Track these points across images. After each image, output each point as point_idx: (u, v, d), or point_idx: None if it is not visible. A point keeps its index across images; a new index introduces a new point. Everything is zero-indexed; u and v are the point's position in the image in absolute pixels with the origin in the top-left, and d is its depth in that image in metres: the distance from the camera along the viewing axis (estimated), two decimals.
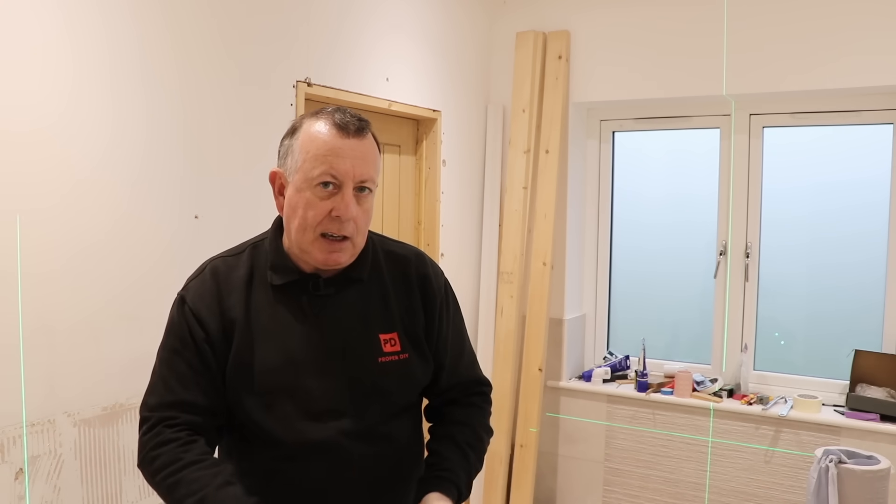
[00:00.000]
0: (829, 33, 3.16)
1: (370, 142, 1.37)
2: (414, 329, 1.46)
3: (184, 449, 1.29)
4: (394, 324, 1.44)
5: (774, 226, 3.56)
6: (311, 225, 1.33)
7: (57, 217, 1.89)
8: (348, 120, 1.34)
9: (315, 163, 1.32)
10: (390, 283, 1.47)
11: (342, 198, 1.32)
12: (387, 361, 1.41)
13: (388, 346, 1.42)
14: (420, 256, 1.54)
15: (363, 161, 1.33)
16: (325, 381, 1.36)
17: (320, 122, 1.35)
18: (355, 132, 1.33)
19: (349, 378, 1.38)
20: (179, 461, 1.27)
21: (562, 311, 3.77)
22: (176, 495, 1.26)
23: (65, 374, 1.91)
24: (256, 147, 2.47)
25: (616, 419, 3.66)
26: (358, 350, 1.39)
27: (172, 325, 1.40)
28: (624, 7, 3.58)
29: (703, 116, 3.64)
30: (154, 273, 2.14)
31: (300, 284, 1.39)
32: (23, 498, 1.81)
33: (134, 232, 2.08)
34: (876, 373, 3.24)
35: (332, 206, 1.32)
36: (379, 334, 1.42)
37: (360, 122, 1.35)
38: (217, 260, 1.45)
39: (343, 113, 1.36)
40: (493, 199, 3.78)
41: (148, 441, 1.32)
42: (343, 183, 1.32)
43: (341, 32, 2.82)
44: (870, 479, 2.64)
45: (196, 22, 2.24)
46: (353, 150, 1.32)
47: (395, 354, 1.42)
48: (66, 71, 1.89)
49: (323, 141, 1.32)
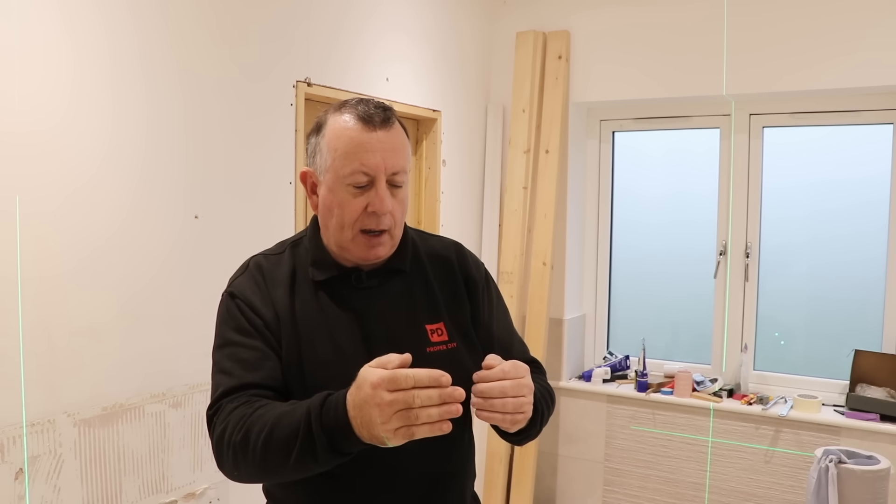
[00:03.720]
0: (828, 33, 3.16)
1: (398, 130, 1.33)
2: (460, 318, 1.44)
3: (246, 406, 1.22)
4: (440, 313, 1.41)
5: (774, 225, 3.56)
6: (349, 223, 1.32)
7: (60, 219, 1.89)
8: (373, 112, 1.30)
9: (345, 161, 1.29)
10: (432, 273, 1.45)
11: (376, 193, 1.30)
12: (435, 351, 1.38)
13: (436, 335, 1.39)
14: (459, 246, 1.54)
15: (393, 152, 1.31)
16: None
17: (345, 117, 1.31)
18: (381, 123, 1.30)
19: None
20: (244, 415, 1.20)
21: (562, 311, 3.77)
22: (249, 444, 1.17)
23: (65, 374, 1.91)
24: (256, 147, 2.47)
25: (616, 419, 3.66)
26: (405, 341, 1.35)
27: (225, 320, 1.35)
28: (624, 7, 3.58)
29: (703, 116, 3.64)
30: (154, 273, 2.14)
31: (342, 279, 1.38)
32: (23, 498, 1.81)
33: (135, 232, 2.08)
34: (876, 373, 3.24)
35: (367, 202, 1.30)
36: (425, 324, 1.39)
37: (386, 112, 1.32)
38: (258, 257, 1.43)
39: (366, 104, 1.32)
40: (493, 199, 3.78)
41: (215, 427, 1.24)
42: (376, 177, 1.30)
43: (341, 32, 2.82)
44: (870, 479, 2.64)
45: (196, 22, 2.24)
46: (381, 143, 1.29)
47: (443, 344, 1.39)
48: (67, 72, 1.89)
49: (349, 137, 1.30)
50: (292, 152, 2.60)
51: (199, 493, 2.29)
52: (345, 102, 1.35)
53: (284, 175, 2.58)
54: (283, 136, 2.57)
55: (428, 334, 1.39)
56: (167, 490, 2.19)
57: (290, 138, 2.59)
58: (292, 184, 2.61)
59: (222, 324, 1.35)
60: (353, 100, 1.35)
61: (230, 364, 1.30)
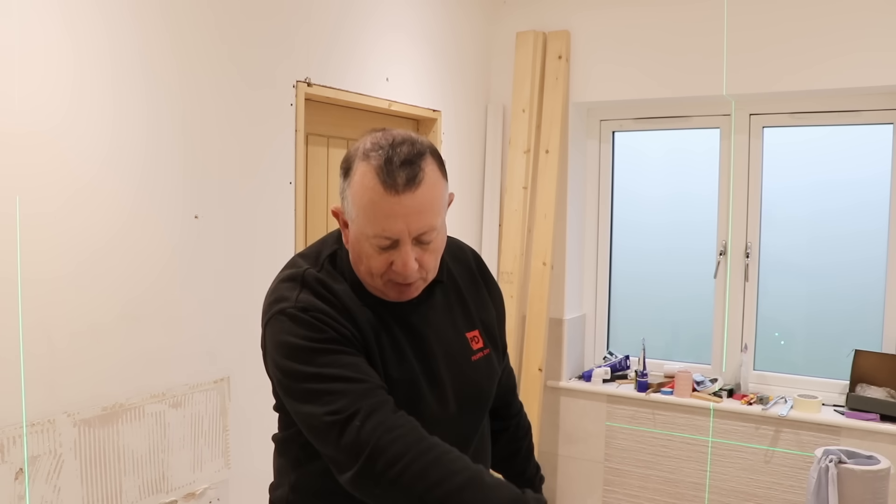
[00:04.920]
0: (828, 33, 3.16)
1: (426, 189, 1.19)
2: (489, 322, 1.43)
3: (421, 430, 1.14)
4: (474, 321, 1.40)
5: (774, 225, 3.56)
6: (377, 274, 1.25)
7: (61, 220, 1.89)
8: (396, 171, 1.17)
9: (366, 222, 1.20)
10: (462, 279, 1.43)
11: (399, 254, 1.21)
12: (478, 359, 1.38)
13: (475, 343, 1.39)
14: (471, 249, 1.52)
15: (418, 216, 1.19)
16: (440, 393, 1.32)
17: (369, 171, 1.18)
18: (405, 185, 1.17)
19: (457, 384, 1.34)
20: (424, 440, 1.13)
21: (562, 311, 3.77)
22: (432, 477, 1.09)
23: (65, 374, 1.91)
24: (256, 147, 2.47)
25: (616, 419, 3.66)
26: (456, 354, 1.35)
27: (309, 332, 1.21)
28: (624, 7, 3.58)
29: (703, 116, 3.64)
30: (154, 273, 2.14)
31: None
32: (23, 498, 1.81)
33: (135, 233, 2.08)
34: (876, 373, 3.24)
35: (391, 260, 1.23)
36: (465, 333, 1.38)
37: (412, 169, 1.17)
38: (311, 270, 1.29)
39: (393, 156, 1.17)
40: (493, 199, 3.78)
41: (373, 432, 1.12)
42: (400, 240, 1.21)
43: (341, 32, 2.82)
44: (870, 479, 2.64)
45: (196, 23, 2.24)
46: (404, 208, 1.18)
47: (481, 351, 1.39)
48: (68, 73, 1.89)
49: (370, 199, 1.18)
50: (292, 152, 2.60)
51: (199, 493, 2.29)
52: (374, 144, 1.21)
53: (285, 175, 2.58)
54: (284, 136, 2.57)
55: (469, 343, 1.38)
56: (167, 490, 2.19)
57: (290, 138, 2.59)
58: (292, 184, 2.61)
59: (303, 339, 1.20)
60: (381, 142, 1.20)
61: (340, 370, 1.18)
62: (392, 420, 1.14)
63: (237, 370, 2.39)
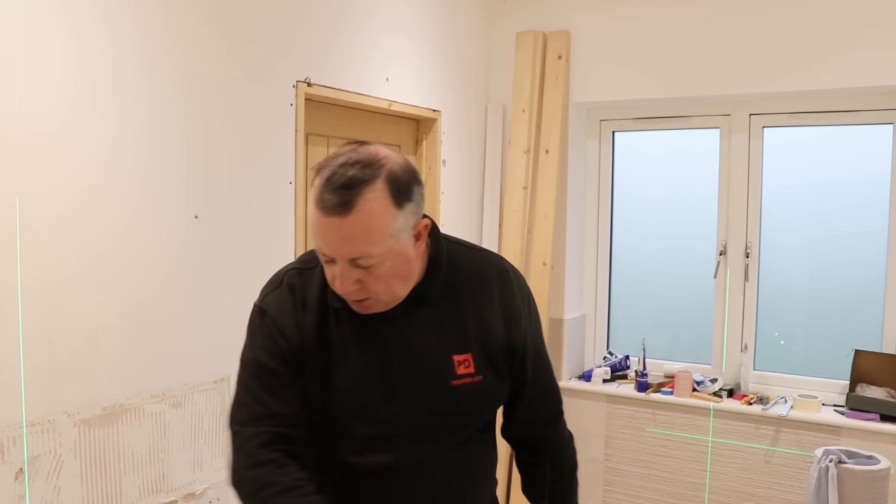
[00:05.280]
0: (828, 33, 3.16)
1: (359, 216, 1.17)
2: (492, 348, 1.37)
3: (279, 472, 1.25)
4: (468, 344, 1.36)
5: (774, 225, 3.56)
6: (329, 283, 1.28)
7: (63, 223, 1.89)
8: (328, 197, 1.17)
9: (311, 234, 1.25)
10: (468, 300, 1.37)
11: (337, 272, 1.23)
12: (460, 384, 1.34)
13: (462, 367, 1.34)
14: (502, 270, 1.44)
15: (346, 242, 1.19)
16: (398, 405, 1.32)
17: (313, 186, 1.21)
18: (334, 210, 1.17)
19: (422, 402, 1.33)
20: (275, 485, 1.23)
21: (562, 311, 3.77)
22: None
23: (65, 375, 1.91)
24: (257, 147, 2.47)
25: (616, 419, 3.66)
26: (430, 372, 1.34)
27: (255, 336, 1.35)
28: (624, 7, 3.58)
29: (703, 116, 3.64)
30: (154, 273, 2.14)
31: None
32: (23, 498, 1.81)
33: (135, 234, 2.08)
34: (876, 373, 3.24)
35: (333, 276, 1.25)
36: (453, 356, 1.35)
37: (344, 195, 1.16)
38: (293, 272, 1.37)
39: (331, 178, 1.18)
40: (493, 199, 3.78)
41: (242, 460, 1.28)
42: (335, 259, 1.22)
43: (341, 32, 2.82)
44: (870, 479, 2.64)
45: (196, 23, 2.24)
46: (334, 232, 1.18)
47: (469, 377, 1.35)
48: (69, 74, 1.89)
49: (311, 214, 1.22)
50: (292, 152, 2.60)
51: (199, 493, 2.29)
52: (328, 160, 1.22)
53: (285, 175, 2.58)
54: (284, 136, 2.57)
55: (455, 366, 1.34)
56: (167, 490, 2.19)
57: (290, 138, 2.59)
58: (293, 184, 2.61)
59: (252, 337, 1.35)
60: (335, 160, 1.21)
61: (256, 384, 1.32)
62: (258, 456, 1.26)
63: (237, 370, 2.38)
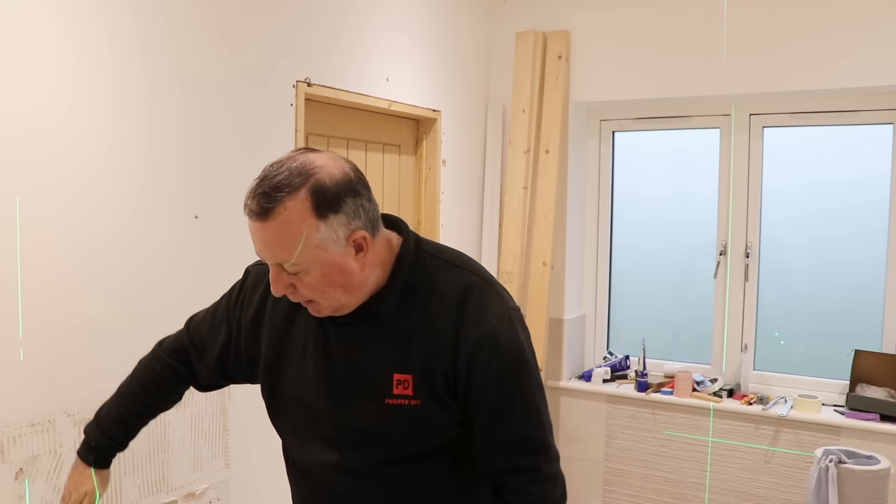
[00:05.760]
0: (828, 33, 3.16)
1: (277, 224, 1.19)
2: (436, 374, 1.30)
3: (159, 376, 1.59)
4: (410, 366, 1.30)
5: (774, 225, 3.56)
6: None
7: (62, 221, 1.89)
8: (249, 203, 1.21)
9: None
10: (423, 319, 1.31)
11: (271, 272, 1.27)
12: (394, 404, 1.30)
13: (401, 388, 1.30)
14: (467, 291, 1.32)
15: (267, 247, 1.23)
16: (333, 410, 1.34)
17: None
18: (252, 215, 1.21)
19: (353, 412, 1.33)
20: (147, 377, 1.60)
21: (562, 311, 3.77)
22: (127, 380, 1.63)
23: (65, 374, 1.91)
24: (257, 147, 2.47)
25: (616, 419, 3.66)
26: (364, 386, 1.32)
27: (235, 285, 1.54)
28: (624, 7, 3.58)
29: (703, 116, 3.64)
30: (154, 273, 2.14)
31: None
32: (23, 498, 1.81)
33: (135, 234, 2.08)
34: (876, 373, 3.24)
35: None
36: (393, 374, 1.30)
37: (264, 201, 1.19)
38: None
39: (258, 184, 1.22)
40: (493, 199, 3.78)
41: (170, 343, 1.61)
42: (267, 261, 1.27)
43: (341, 32, 2.82)
44: (870, 479, 2.64)
45: (196, 23, 2.24)
46: (256, 235, 1.24)
47: (406, 398, 1.29)
48: (69, 74, 1.89)
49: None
50: None
51: (199, 493, 2.29)
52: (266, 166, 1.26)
53: None
54: (284, 136, 2.57)
55: (393, 385, 1.30)
56: (167, 490, 2.19)
57: (290, 138, 2.59)
58: None
59: (236, 282, 1.54)
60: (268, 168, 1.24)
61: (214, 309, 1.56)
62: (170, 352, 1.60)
63: None
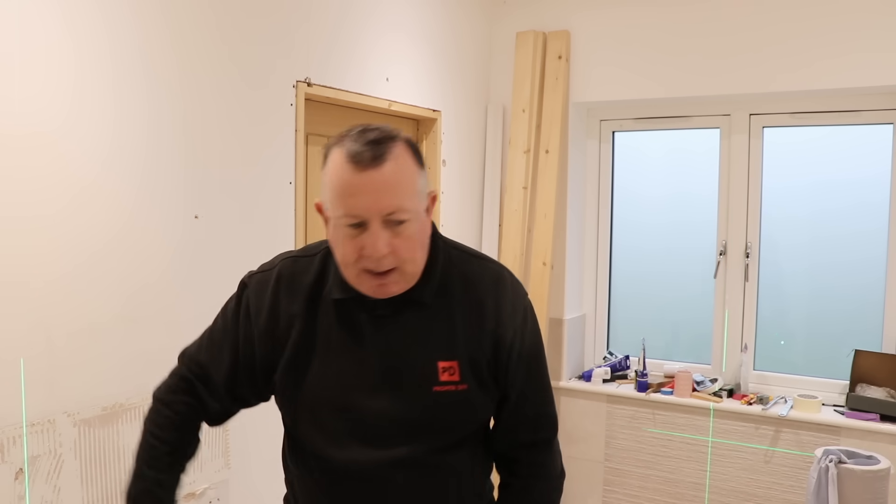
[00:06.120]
0: (828, 33, 3.16)
1: (393, 165, 1.21)
2: (480, 359, 1.34)
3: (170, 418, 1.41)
4: (456, 352, 1.33)
5: (774, 225, 3.56)
6: (350, 263, 1.26)
7: (62, 221, 1.89)
8: (361, 149, 1.20)
9: (337, 202, 1.23)
10: (460, 307, 1.34)
11: (369, 235, 1.22)
12: (442, 391, 1.31)
13: (447, 374, 1.32)
14: (499, 281, 1.39)
15: (385, 192, 1.21)
16: (375, 405, 1.31)
17: (338, 153, 1.23)
18: (370, 162, 1.20)
19: (400, 404, 1.32)
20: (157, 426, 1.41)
21: (562, 311, 3.77)
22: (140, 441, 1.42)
23: (65, 375, 1.91)
24: (256, 147, 2.47)
25: (616, 419, 3.66)
26: (411, 376, 1.32)
27: (230, 302, 1.43)
28: (624, 7, 3.58)
29: (703, 116, 3.64)
30: (154, 273, 2.14)
31: (359, 301, 1.32)
32: (23, 498, 1.81)
33: (135, 234, 2.08)
34: (876, 373, 3.24)
35: (362, 245, 1.23)
36: (438, 361, 1.32)
37: (377, 148, 1.21)
38: (289, 259, 1.39)
39: (361, 137, 1.22)
40: (493, 199, 3.78)
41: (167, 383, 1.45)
42: (368, 220, 1.21)
43: (341, 32, 2.82)
44: (870, 479, 2.64)
45: (196, 23, 2.24)
46: (371, 184, 1.20)
47: (453, 384, 1.32)
48: (69, 74, 1.89)
49: (339, 178, 1.22)
50: (292, 152, 2.60)
51: (199, 493, 2.29)
52: (346, 133, 1.26)
53: (285, 175, 2.58)
54: (284, 136, 2.57)
55: (439, 372, 1.32)
56: None
57: (290, 138, 2.59)
58: (292, 184, 2.61)
59: (228, 302, 1.44)
60: (354, 129, 1.26)
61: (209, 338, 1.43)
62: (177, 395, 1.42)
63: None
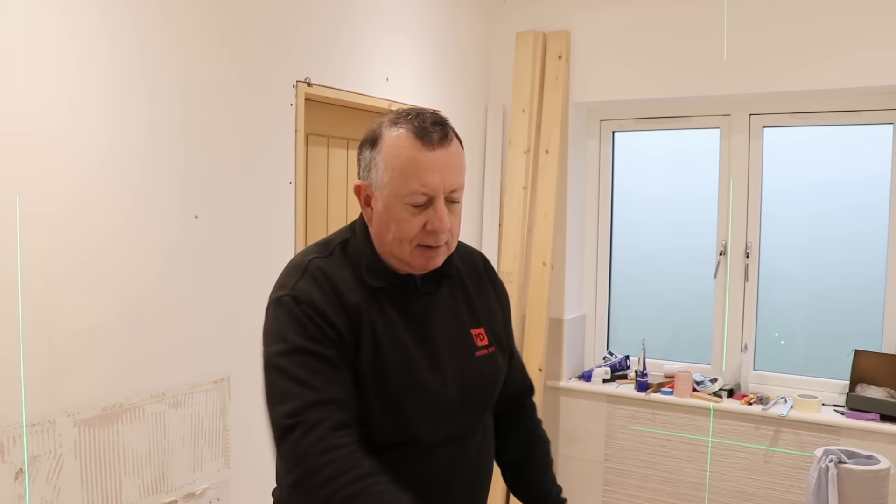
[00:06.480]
0: (828, 33, 3.16)
1: (455, 147, 1.31)
2: (494, 323, 1.49)
3: (356, 457, 1.17)
4: (479, 319, 1.46)
5: (774, 225, 3.56)
6: (408, 239, 1.30)
7: (62, 221, 1.89)
8: (430, 128, 1.27)
9: (403, 180, 1.27)
10: (468, 278, 1.48)
11: (435, 212, 1.28)
12: (482, 356, 1.43)
13: (479, 340, 1.44)
14: (482, 256, 1.57)
15: (452, 170, 1.29)
16: (442, 378, 1.37)
17: (401, 134, 1.28)
18: (440, 141, 1.27)
19: (460, 374, 1.39)
20: (358, 468, 1.15)
21: (562, 311, 3.77)
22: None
23: (65, 375, 1.91)
24: (256, 147, 2.47)
25: (616, 419, 3.66)
26: (459, 346, 1.41)
27: (289, 325, 1.26)
28: (624, 7, 3.58)
29: (703, 116, 3.64)
30: (154, 273, 2.14)
31: (399, 286, 1.37)
32: (23, 498, 1.81)
33: (135, 234, 2.08)
34: (876, 373, 3.24)
35: (425, 220, 1.29)
36: (471, 329, 1.43)
37: (444, 128, 1.29)
38: (317, 259, 1.36)
39: (423, 119, 1.29)
40: (493, 199, 3.78)
41: (310, 448, 1.16)
42: (434, 196, 1.28)
43: (341, 32, 2.82)
44: (870, 479, 2.64)
45: (196, 23, 2.24)
46: (440, 161, 1.27)
47: (485, 348, 1.44)
48: (68, 73, 1.89)
49: (408, 156, 1.26)
50: (292, 152, 2.60)
51: (199, 493, 2.29)
52: (399, 115, 1.31)
53: (285, 175, 2.58)
54: (284, 136, 2.57)
55: (474, 339, 1.43)
56: (167, 490, 2.19)
57: (290, 138, 2.59)
58: (292, 184, 2.61)
59: (287, 330, 1.26)
60: (407, 112, 1.31)
61: (304, 373, 1.22)
62: (330, 440, 1.16)
63: (237, 370, 2.39)
